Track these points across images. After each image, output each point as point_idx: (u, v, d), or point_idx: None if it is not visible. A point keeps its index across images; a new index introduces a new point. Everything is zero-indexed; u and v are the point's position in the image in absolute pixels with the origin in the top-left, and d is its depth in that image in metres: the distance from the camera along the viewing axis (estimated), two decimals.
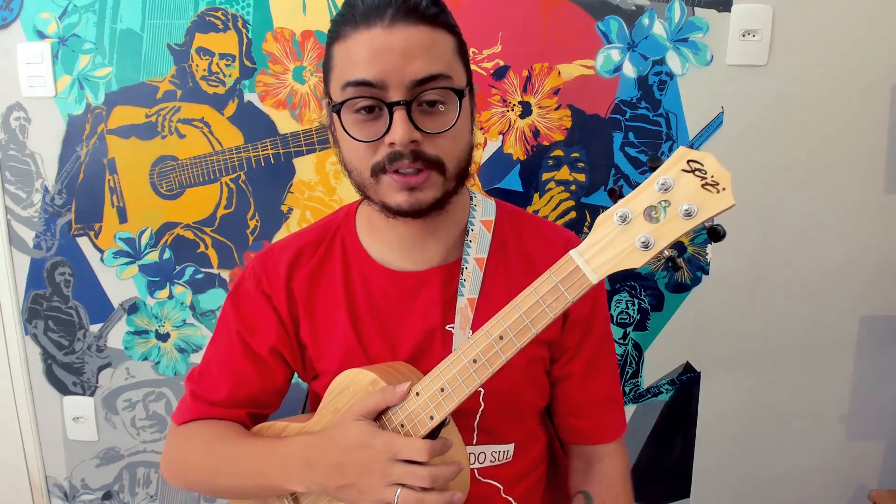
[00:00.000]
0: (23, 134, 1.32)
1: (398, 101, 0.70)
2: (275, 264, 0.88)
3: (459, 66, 0.76)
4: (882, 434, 1.33)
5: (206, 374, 0.89)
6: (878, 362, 1.30)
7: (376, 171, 0.74)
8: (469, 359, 0.69)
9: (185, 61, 1.26)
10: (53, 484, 1.49)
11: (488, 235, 0.85)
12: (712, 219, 0.59)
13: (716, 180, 0.58)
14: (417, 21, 0.70)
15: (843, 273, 1.26)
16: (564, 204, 1.25)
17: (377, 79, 0.70)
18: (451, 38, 0.75)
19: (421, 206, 0.74)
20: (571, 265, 0.64)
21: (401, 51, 0.69)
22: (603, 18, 1.18)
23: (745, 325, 1.28)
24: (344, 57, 0.72)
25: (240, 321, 0.87)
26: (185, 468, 0.87)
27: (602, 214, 0.63)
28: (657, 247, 0.61)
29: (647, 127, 1.21)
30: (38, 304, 1.40)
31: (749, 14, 1.16)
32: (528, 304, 0.66)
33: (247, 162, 1.29)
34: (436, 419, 0.71)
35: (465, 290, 0.82)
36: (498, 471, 0.86)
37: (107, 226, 1.34)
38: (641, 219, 0.61)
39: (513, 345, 0.67)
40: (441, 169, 0.74)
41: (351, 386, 0.77)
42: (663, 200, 0.60)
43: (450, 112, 0.73)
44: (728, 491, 1.36)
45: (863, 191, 1.23)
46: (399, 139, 0.70)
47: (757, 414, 1.32)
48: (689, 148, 0.60)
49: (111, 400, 1.43)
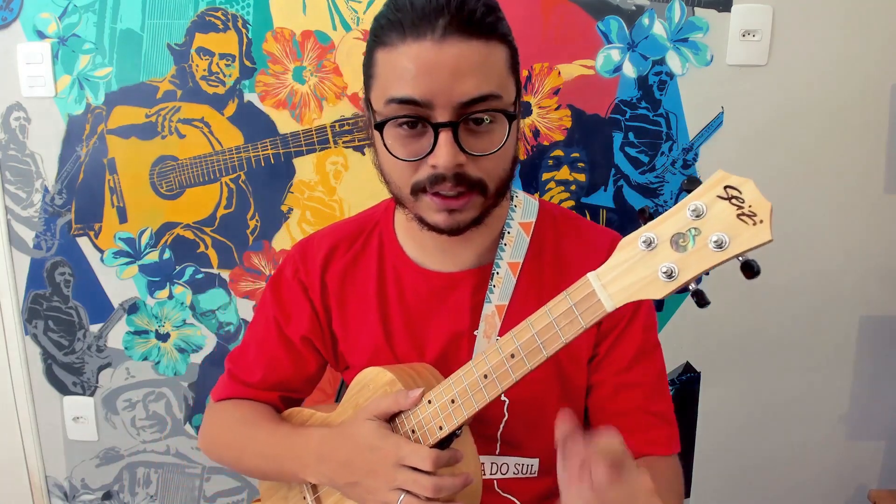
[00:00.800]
0: (23, 134, 1.32)
1: (444, 124, 0.65)
2: (313, 254, 0.87)
3: (511, 82, 0.70)
4: (882, 434, 1.33)
5: (244, 356, 0.91)
6: (878, 362, 1.29)
7: (416, 189, 0.70)
8: (480, 373, 0.66)
9: (185, 61, 1.26)
10: (53, 484, 1.49)
11: (526, 239, 0.81)
12: (745, 252, 0.53)
13: (753, 211, 0.53)
14: (471, 35, 0.65)
15: (843, 273, 1.26)
16: (564, 204, 1.25)
17: (424, 98, 0.65)
18: (504, 51, 0.69)
19: (459, 226, 0.72)
20: (588, 288, 0.60)
21: (451, 69, 0.64)
22: (603, 18, 1.18)
23: (745, 325, 1.28)
24: (388, 67, 0.67)
25: (277, 307, 0.88)
26: (217, 444, 0.90)
27: (627, 237, 0.58)
28: (681, 278, 0.55)
29: (647, 127, 1.21)
30: (38, 304, 1.40)
31: (749, 14, 1.16)
32: (541, 325, 0.62)
33: (247, 162, 1.29)
34: (444, 430, 0.69)
35: (493, 297, 0.79)
36: (520, 485, 0.83)
37: (107, 226, 1.34)
38: (668, 246, 0.55)
39: (523, 364, 0.63)
40: (483, 189, 0.70)
41: (371, 384, 0.77)
42: (693, 228, 0.54)
43: (497, 131, 0.68)
44: (728, 491, 1.36)
45: (863, 191, 1.23)
46: (443, 164, 0.66)
47: (757, 414, 1.32)
48: (726, 173, 0.54)
49: (111, 400, 1.43)
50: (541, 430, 0.81)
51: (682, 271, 0.55)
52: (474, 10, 0.65)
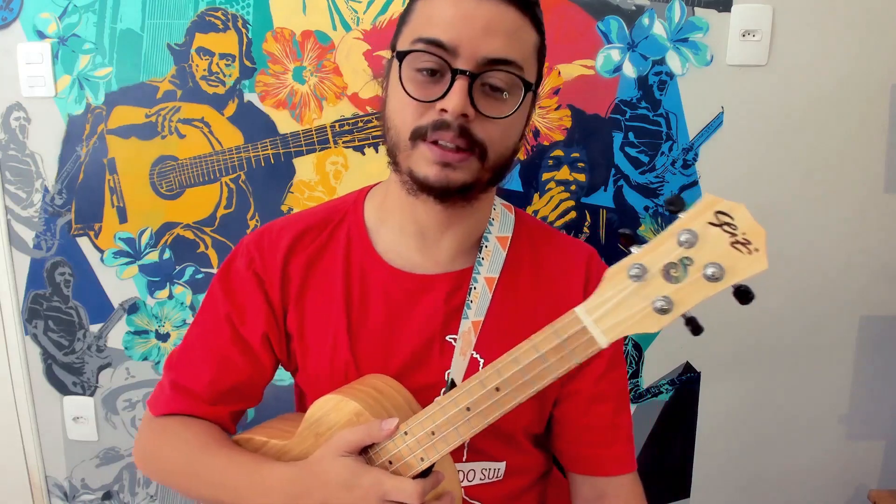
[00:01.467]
0: (23, 134, 1.32)
1: (464, 71, 0.66)
2: (272, 244, 0.82)
3: (534, 64, 0.73)
4: (882, 434, 1.33)
5: (188, 360, 0.83)
6: (878, 362, 1.29)
7: (416, 135, 0.70)
8: (462, 406, 0.64)
9: (185, 61, 1.26)
10: (53, 484, 1.49)
11: (502, 253, 0.80)
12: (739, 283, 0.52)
13: (747, 238, 0.51)
14: (510, 1, 0.68)
15: (843, 273, 1.26)
16: (564, 204, 1.25)
17: (451, 43, 0.67)
18: (535, 35, 0.72)
19: (449, 184, 0.70)
20: (578, 324, 0.58)
21: (484, 24, 0.67)
22: (603, 18, 1.18)
23: (745, 325, 1.28)
24: (424, 13, 0.70)
25: (229, 304, 0.81)
26: (161, 465, 0.82)
27: (613, 267, 0.55)
28: (676, 312, 0.53)
29: (647, 127, 1.21)
30: (38, 304, 1.40)
31: (749, 14, 1.16)
32: (527, 359, 0.60)
33: (247, 162, 1.29)
34: (426, 461, 0.67)
35: (470, 313, 0.77)
36: (486, 490, 0.81)
37: (107, 226, 1.34)
38: (659, 277, 0.53)
39: (512, 398, 0.62)
40: (482, 154, 0.70)
41: (332, 413, 0.72)
42: (685, 258, 0.52)
43: (510, 102, 0.70)
44: (728, 491, 1.36)
45: (863, 191, 1.23)
46: (452, 107, 0.66)
47: (757, 414, 1.32)
48: (716, 197, 0.51)
49: (111, 400, 1.43)
50: (507, 438, 0.81)
51: (676, 305, 0.53)
52: None
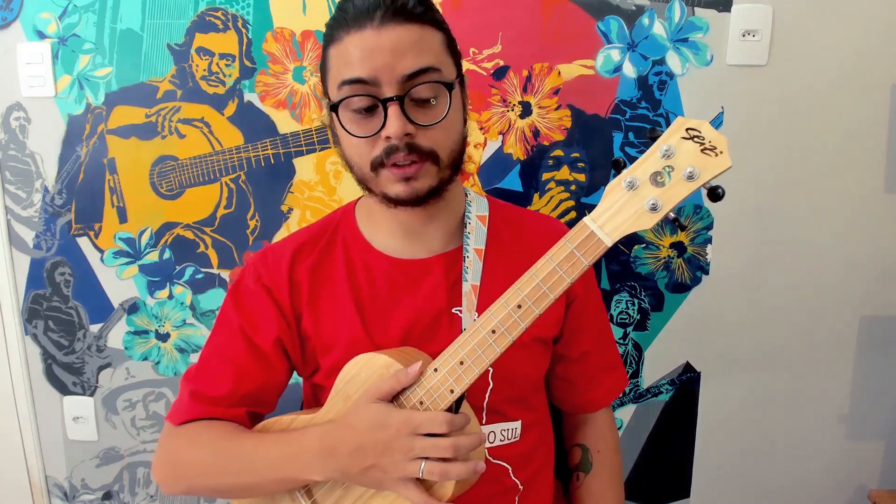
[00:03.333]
0: (23, 134, 1.32)
1: (391, 98, 0.74)
2: (276, 259, 0.89)
3: (448, 60, 0.79)
4: (882, 434, 1.33)
5: (207, 371, 0.88)
6: (878, 362, 1.29)
7: (375, 165, 0.78)
8: (488, 329, 0.72)
9: (185, 61, 1.26)
10: (53, 484, 1.49)
11: (484, 229, 0.89)
12: (711, 180, 0.64)
13: (713, 145, 0.64)
14: (405, 20, 0.74)
15: (843, 273, 1.26)
16: (564, 204, 1.25)
17: (370, 76, 0.74)
18: (438, 34, 0.78)
19: (418, 193, 0.78)
20: (586, 231, 0.68)
21: (391, 49, 0.73)
22: (603, 18, 1.18)
23: (746, 325, 1.28)
24: (338, 58, 0.76)
25: (242, 317, 0.87)
26: (188, 470, 0.84)
27: (610, 183, 0.68)
28: (665, 209, 0.65)
29: (647, 127, 1.21)
30: (38, 304, 1.40)
31: (749, 14, 1.16)
32: (544, 272, 0.70)
33: (247, 162, 1.29)
34: (456, 392, 0.73)
35: (468, 277, 0.85)
36: (506, 450, 0.87)
37: (107, 226, 1.34)
38: (648, 184, 0.66)
39: (531, 312, 0.70)
40: (435, 159, 0.78)
41: (363, 371, 0.78)
42: (667, 166, 0.65)
43: (441, 105, 0.77)
44: (728, 491, 1.36)
45: (863, 191, 1.23)
46: (394, 132, 0.74)
47: (757, 414, 1.32)
48: (686, 118, 0.65)
49: (111, 400, 1.43)
50: (521, 394, 0.89)
51: (665, 203, 0.65)
52: (407, 2, 0.74)
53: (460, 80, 0.82)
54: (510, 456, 0.88)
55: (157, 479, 0.87)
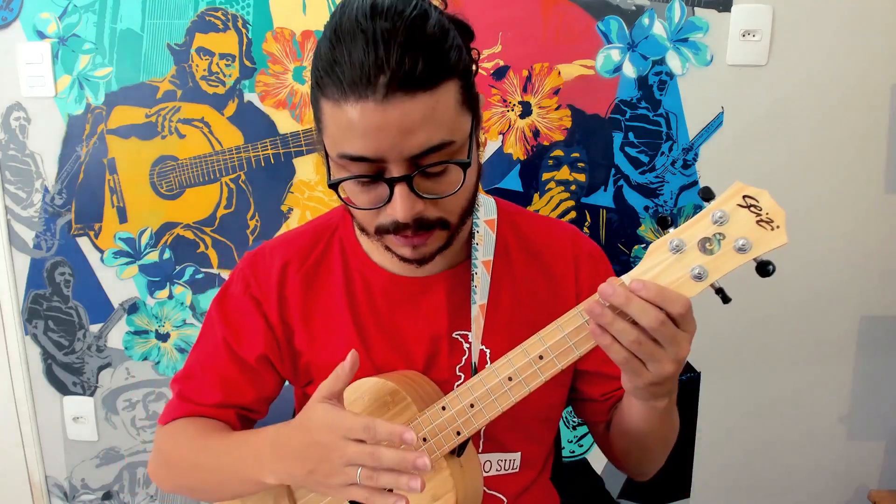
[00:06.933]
0: (23, 134, 1.32)
1: (398, 178, 0.64)
2: (266, 266, 0.83)
3: (464, 116, 0.67)
4: (882, 434, 1.33)
5: (194, 379, 0.85)
6: (878, 362, 1.29)
7: (380, 231, 0.70)
8: (503, 376, 0.68)
9: (185, 61, 1.26)
10: (53, 484, 1.49)
11: (492, 235, 0.82)
12: (762, 255, 0.61)
13: (770, 217, 0.61)
14: (415, 90, 0.60)
15: (843, 273, 1.26)
16: (564, 204, 1.25)
17: (375, 156, 0.63)
18: (454, 88, 0.64)
19: (426, 257, 0.73)
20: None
21: (398, 128, 0.61)
22: (603, 18, 1.18)
23: (746, 326, 1.28)
24: (335, 121, 0.64)
25: (225, 327, 0.83)
26: (171, 467, 0.83)
27: (655, 242, 0.63)
28: (710, 279, 0.61)
29: (647, 127, 1.21)
30: (38, 304, 1.40)
31: (749, 14, 1.16)
32: (572, 326, 0.65)
33: (247, 162, 1.29)
34: (463, 434, 0.70)
35: (476, 298, 0.79)
36: (503, 481, 0.83)
37: (107, 226, 1.34)
38: (696, 250, 0.61)
39: (553, 365, 0.66)
40: (444, 226, 0.71)
41: (366, 395, 0.75)
42: (718, 233, 0.61)
43: (453, 172, 0.67)
44: (728, 491, 1.36)
45: (863, 191, 1.23)
46: (401, 216, 0.65)
47: (757, 414, 1.32)
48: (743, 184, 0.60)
49: (111, 400, 1.43)
50: (522, 425, 0.83)
51: (711, 272, 0.61)
52: (416, 64, 0.59)
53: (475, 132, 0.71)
54: (506, 487, 0.83)
55: (151, 477, 0.86)
